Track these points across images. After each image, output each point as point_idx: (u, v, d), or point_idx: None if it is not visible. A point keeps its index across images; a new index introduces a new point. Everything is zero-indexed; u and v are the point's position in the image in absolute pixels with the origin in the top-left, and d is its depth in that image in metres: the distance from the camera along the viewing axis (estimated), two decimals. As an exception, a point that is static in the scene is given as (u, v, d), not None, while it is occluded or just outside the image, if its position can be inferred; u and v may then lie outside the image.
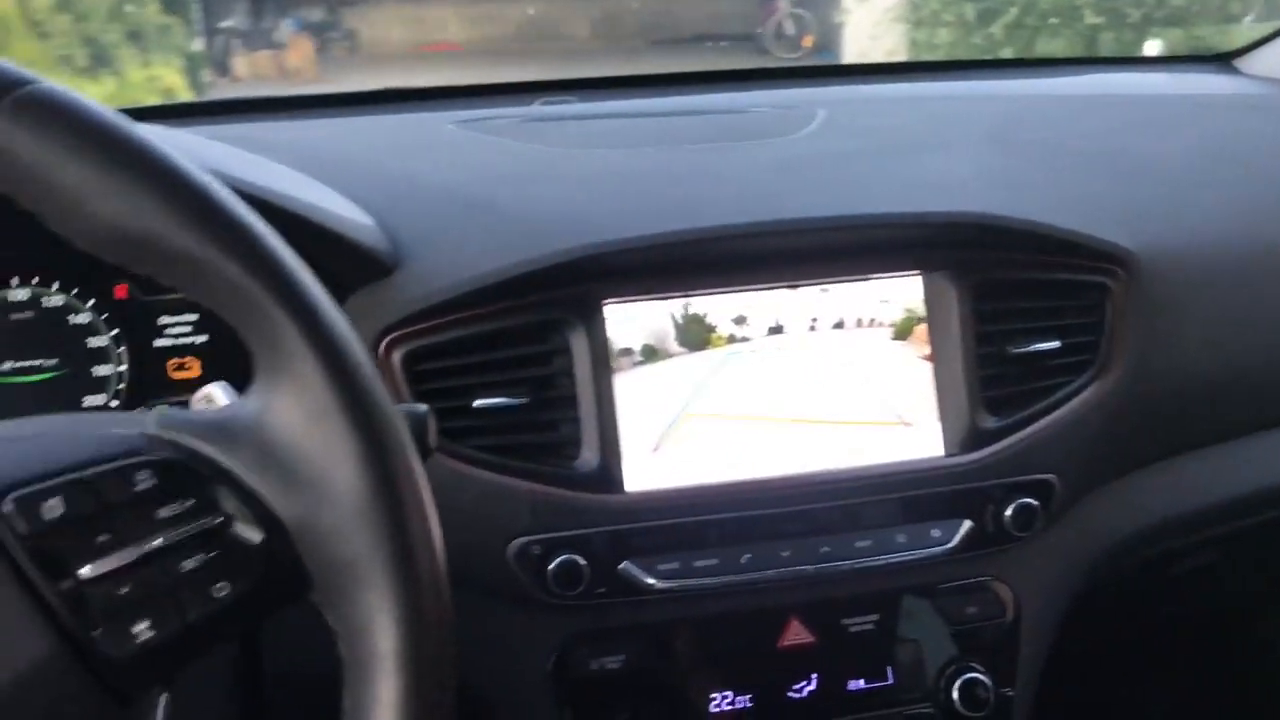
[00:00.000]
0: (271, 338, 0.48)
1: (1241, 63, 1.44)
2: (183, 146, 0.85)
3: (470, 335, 0.84)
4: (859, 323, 0.91)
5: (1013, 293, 0.92)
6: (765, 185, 0.95)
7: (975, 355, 0.91)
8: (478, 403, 0.84)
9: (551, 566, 0.84)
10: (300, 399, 0.48)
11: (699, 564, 0.87)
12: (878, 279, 0.91)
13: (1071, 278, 0.94)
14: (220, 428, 0.50)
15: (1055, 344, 0.92)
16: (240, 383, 0.54)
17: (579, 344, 0.86)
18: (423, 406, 0.58)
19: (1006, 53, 5.12)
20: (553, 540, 0.84)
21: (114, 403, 0.89)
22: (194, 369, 0.90)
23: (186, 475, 0.48)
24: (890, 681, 0.94)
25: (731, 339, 0.89)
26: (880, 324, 0.91)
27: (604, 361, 0.86)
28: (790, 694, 0.93)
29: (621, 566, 0.86)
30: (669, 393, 0.88)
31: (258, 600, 0.49)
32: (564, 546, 0.84)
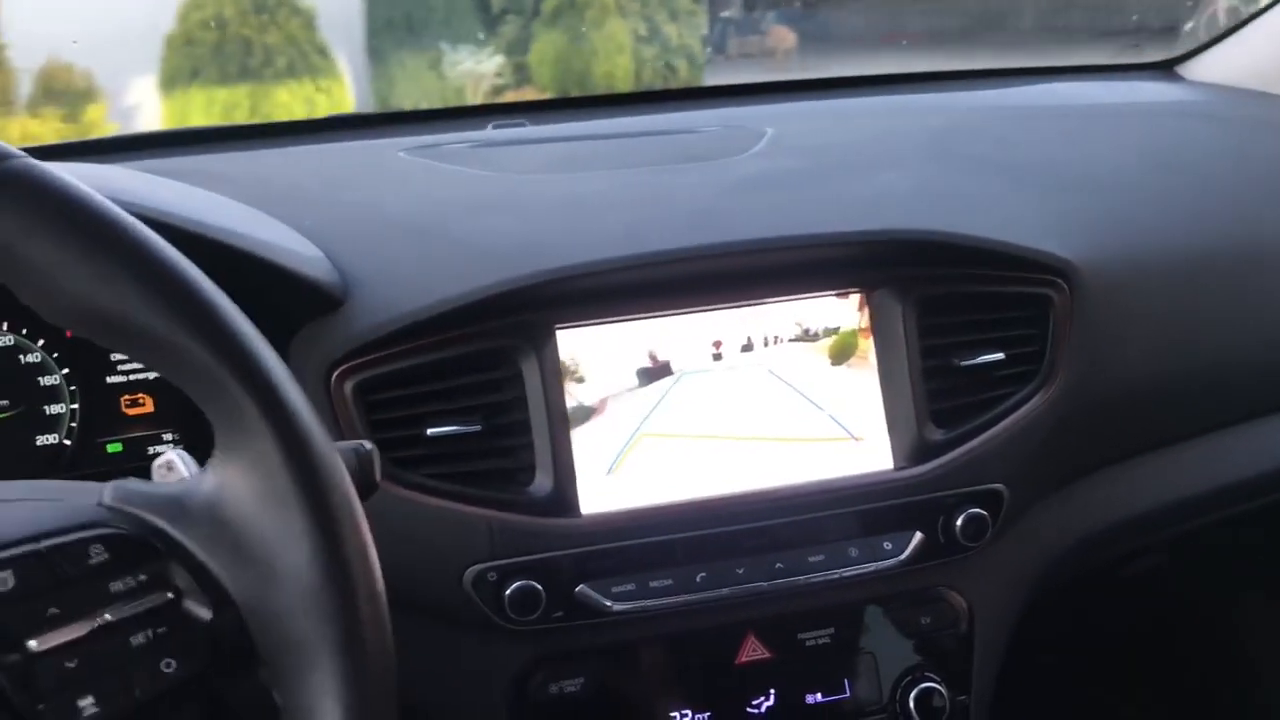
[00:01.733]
0: (234, 416, 0.49)
1: (1184, 69, 1.46)
2: (122, 184, 0.85)
3: (421, 364, 0.85)
4: (808, 340, 0.92)
5: (956, 307, 0.94)
6: (713, 207, 0.96)
7: (921, 369, 0.92)
8: (431, 431, 0.84)
9: (508, 592, 0.84)
10: (258, 479, 0.49)
11: (655, 584, 0.88)
12: (825, 296, 0.92)
13: (1014, 290, 0.95)
14: (175, 502, 0.50)
15: (999, 356, 0.93)
16: (195, 421, 0.53)
17: (531, 370, 0.86)
18: (368, 444, 0.59)
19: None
20: (509, 566, 0.85)
21: (67, 441, 0.89)
22: (147, 404, 0.91)
23: (139, 549, 0.49)
24: (847, 694, 0.96)
25: (683, 359, 0.90)
26: (829, 340, 0.92)
27: (557, 386, 0.87)
28: (749, 709, 0.94)
29: (578, 590, 0.86)
30: (623, 415, 0.89)
31: (206, 678, 0.49)
32: (520, 572, 0.85)
